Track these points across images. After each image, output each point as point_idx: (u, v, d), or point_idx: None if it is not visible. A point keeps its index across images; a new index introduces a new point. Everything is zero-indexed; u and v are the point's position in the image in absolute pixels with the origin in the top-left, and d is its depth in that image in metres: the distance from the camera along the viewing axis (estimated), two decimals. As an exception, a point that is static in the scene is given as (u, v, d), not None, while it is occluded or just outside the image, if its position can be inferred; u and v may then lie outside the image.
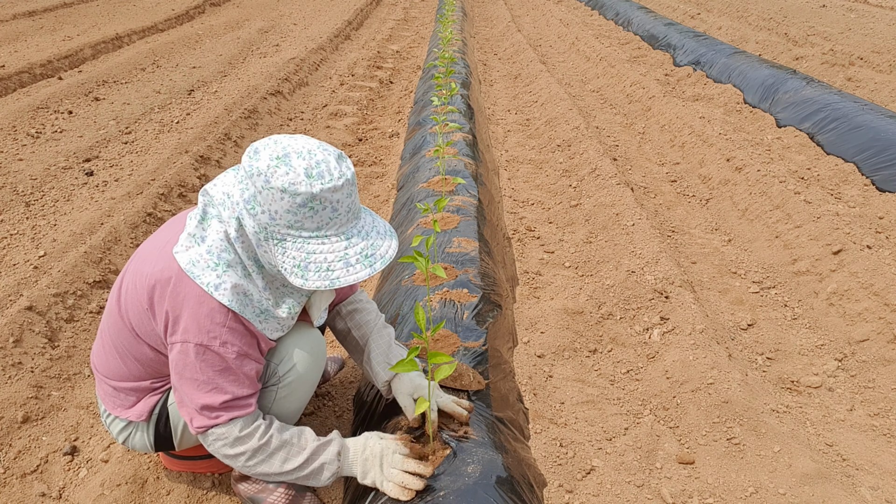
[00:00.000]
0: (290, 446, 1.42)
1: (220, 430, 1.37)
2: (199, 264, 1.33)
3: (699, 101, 5.60)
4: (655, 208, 3.67)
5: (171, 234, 1.41)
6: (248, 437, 1.39)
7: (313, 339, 1.58)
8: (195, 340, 1.32)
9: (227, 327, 1.35)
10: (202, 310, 1.32)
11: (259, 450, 1.39)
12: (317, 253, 1.28)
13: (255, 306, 1.40)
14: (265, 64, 6.71)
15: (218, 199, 1.34)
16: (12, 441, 1.94)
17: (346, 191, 1.27)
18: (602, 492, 1.79)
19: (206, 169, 3.96)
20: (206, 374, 1.34)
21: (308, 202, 1.23)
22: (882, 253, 2.87)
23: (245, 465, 1.40)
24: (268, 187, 1.23)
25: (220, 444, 1.39)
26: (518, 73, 6.69)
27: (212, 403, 1.35)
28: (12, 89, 5.58)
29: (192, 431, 1.40)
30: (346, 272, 1.28)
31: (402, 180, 3.71)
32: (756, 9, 9.76)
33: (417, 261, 1.64)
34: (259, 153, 1.26)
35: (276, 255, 1.30)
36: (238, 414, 1.38)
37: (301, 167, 1.23)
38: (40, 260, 2.92)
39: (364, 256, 1.31)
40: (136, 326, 1.42)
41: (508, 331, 2.39)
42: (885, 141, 3.92)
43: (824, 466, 1.84)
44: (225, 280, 1.33)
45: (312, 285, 1.27)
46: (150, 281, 1.35)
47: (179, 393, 1.39)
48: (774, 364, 2.43)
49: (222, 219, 1.34)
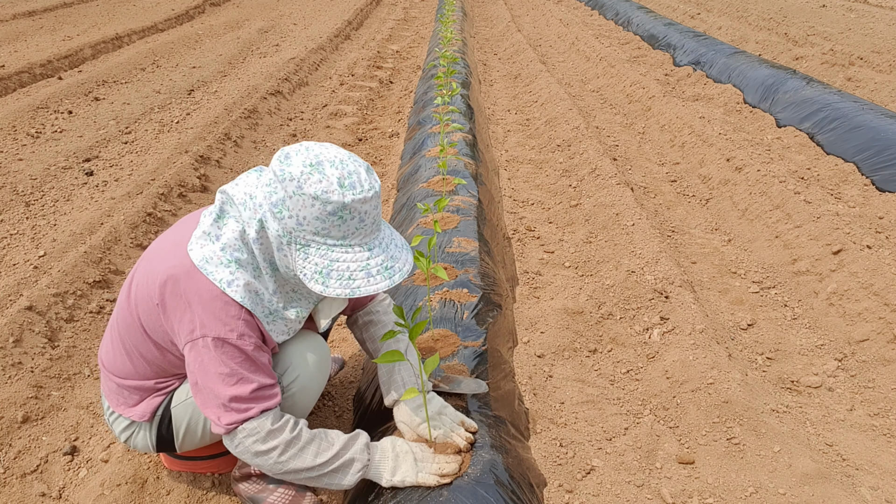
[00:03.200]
0: (319, 440, 1.39)
1: (251, 425, 1.34)
2: (213, 261, 1.33)
3: (699, 101, 5.60)
4: (655, 208, 3.67)
5: (185, 231, 1.42)
6: (279, 431, 1.35)
7: (317, 349, 1.58)
8: (213, 334, 1.32)
9: (242, 320, 1.34)
10: (216, 304, 1.32)
11: (291, 443, 1.35)
12: (340, 261, 1.29)
13: (265, 306, 1.40)
14: (265, 64, 6.71)
15: (239, 199, 1.34)
16: (12, 441, 1.94)
17: (373, 202, 1.30)
18: (602, 492, 1.79)
19: (206, 169, 3.96)
20: (228, 367, 1.33)
21: (338, 211, 1.25)
22: (882, 253, 2.87)
23: (277, 462, 1.35)
24: (299, 193, 1.24)
25: (252, 440, 1.34)
26: (518, 73, 6.69)
27: (241, 394, 1.33)
28: (12, 89, 5.58)
29: (221, 431, 1.35)
30: (367, 282, 1.30)
31: (402, 180, 3.71)
32: (756, 9, 9.76)
33: (418, 261, 1.64)
34: (290, 158, 1.27)
35: (297, 259, 1.31)
36: (268, 405, 1.36)
37: (334, 176, 1.25)
38: (40, 260, 2.92)
39: (384, 268, 1.32)
40: (145, 322, 1.41)
41: (508, 331, 2.39)
42: (885, 141, 3.92)
43: (824, 466, 1.84)
44: (238, 277, 1.34)
45: (333, 292, 1.28)
46: (162, 277, 1.35)
47: (202, 393, 1.35)
48: (774, 364, 2.43)
49: (241, 219, 1.35)
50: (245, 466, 1.66)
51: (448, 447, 1.48)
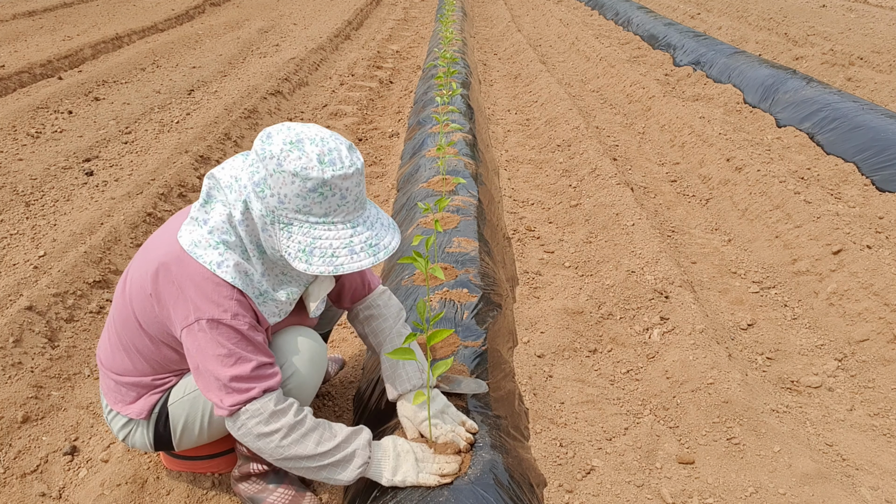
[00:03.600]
0: (323, 428, 1.39)
1: (255, 406, 1.33)
2: (202, 244, 1.33)
3: (699, 101, 5.60)
4: (655, 208, 3.67)
5: (176, 224, 1.43)
6: (283, 412, 1.35)
7: (313, 345, 1.57)
8: (207, 316, 1.32)
9: (235, 300, 1.34)
10: (208, 286, 1.32)
11: (294, 426, 1.34)
12: (322, 238, 1.29)
13: (256, 287, 1.40)
14: (265, 64, 6.71)
15: (225, 182, 1.35)
16: (12, 441, 1.94)
17: (355, 179, 1.30)
18: (602, 492, 1.79)
19: (206, 169, 3.96)
20: (225, 347, 1.32)
21: (318, 187, 1.25)
22: (882, 253, 2.87)
23: (279, 446, 1.34)
24: (279, 170, 1.25)
25: (255, 421, 1.33)
26: (518, 72, 6.69)
27: (241, 373, 1.32)
28: (12, 89, 5.58)
29: (224, 413, 1.34)
30: (350, 259, 1.30)
31: (402, 180, 3.71)
32: (756, 9, 9.76)
33: (417, 261, 1.64)
34: (272, 137, 1.28)
35: (282, 239, 1.31)
36: (269, 384, 1.35)
37: (314, 153, 1.25)
38: (40, 260, 2.92)
39: (368, 245, 1.32)
40: (140, 316, 1.42)
41: (508, 331, 2.39)
42: (885, 141, 3.92)
43: (824, 466, 1.84)
44: (227, 258, 1.34)
45: (316, 270, 1.28)
46: (154, 265, 1.35)
47: (203, 377, 1.35)
48: (774, 364, 2.43)
49: (227, 202, 1.35)
50: (244, 466, 1.66)
51: (448, 447, 1.48)
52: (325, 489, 1.79)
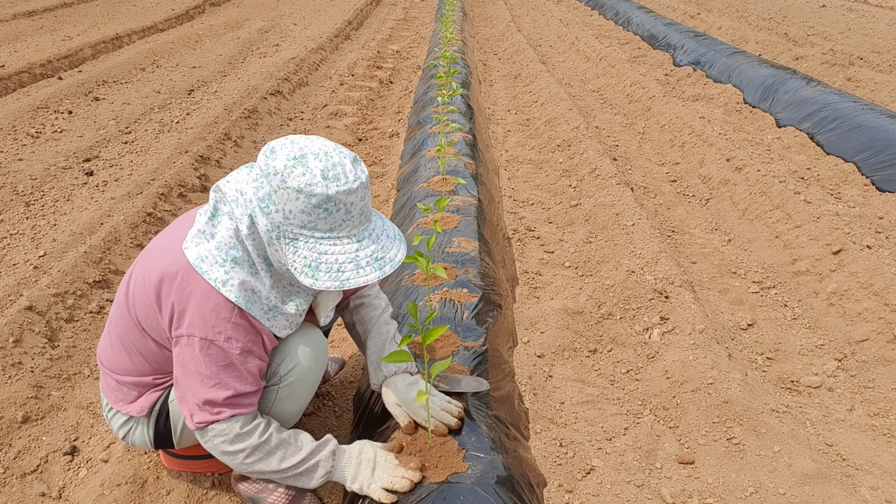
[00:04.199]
0: (287, 445, 1.42)
1: (220, 427, 1.37)
2: (208, 260, 1.34)
3: (699, 101, 5.60)
4: (655, 208, 3.67)
5: (181, 229, 1.42)
6: (248, 435, 1.38)
7: (315, 339, 1.58)
8: (200, 335, 1.33)
9: (232, 323, 1.35)
10: (208, 304, 1.33)
11: (258, 447, 1.39)
12: (328, 254, 1.29)
13: (263, 303, 1.40)
14: (265, 64, 6.71)
15: (230, 195, 1.35)
16: (12, 441, 1.94)
17: (360, 194, 1.29)
18: (602, 492, 1.79)
19: (206, 169, 3.96)
20: (209, 369, 1.34)
21: (323, 203, 1.25)
22: (882, 253, 2.87)
23: (243, 463, 1.40)
24: (284, 187, 1.24)
25: (220, 440, 1.38)
26: (518, 72, 6.69)
27: (215, 399, 1.35)
28: (12, 89, 5.58)
29: (192, 427, 1.39)
30: (356, 274, 1.30)
31: (402, 180, 3.71)
32: (756, 9, 9.76)
33: (418, 261, 1.64)
34: (276, 153, 1.27)
35: (287, 254, 1.32)
36: (240, 411, 1.38)
37: (318, 168, 1.25)
38: (40, 260, 2.92)
39: (374, 259, 1.32)
40: (143, 320, 1.42)
41: (508, 331, 2.39)
42: (885, 141, 3.92)
43: (824, 466, 1.84)
44: (233, 276, 1.34)
45: (322, 285, 1.28)
46: (158, 275, 1.36)
47: (182, 388, 1.38)
48: (774, 364, 2.43)
49: (233, 216, 1.35)
50: (245, 466, 1.67)
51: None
52: (326, 489, 1.79)
